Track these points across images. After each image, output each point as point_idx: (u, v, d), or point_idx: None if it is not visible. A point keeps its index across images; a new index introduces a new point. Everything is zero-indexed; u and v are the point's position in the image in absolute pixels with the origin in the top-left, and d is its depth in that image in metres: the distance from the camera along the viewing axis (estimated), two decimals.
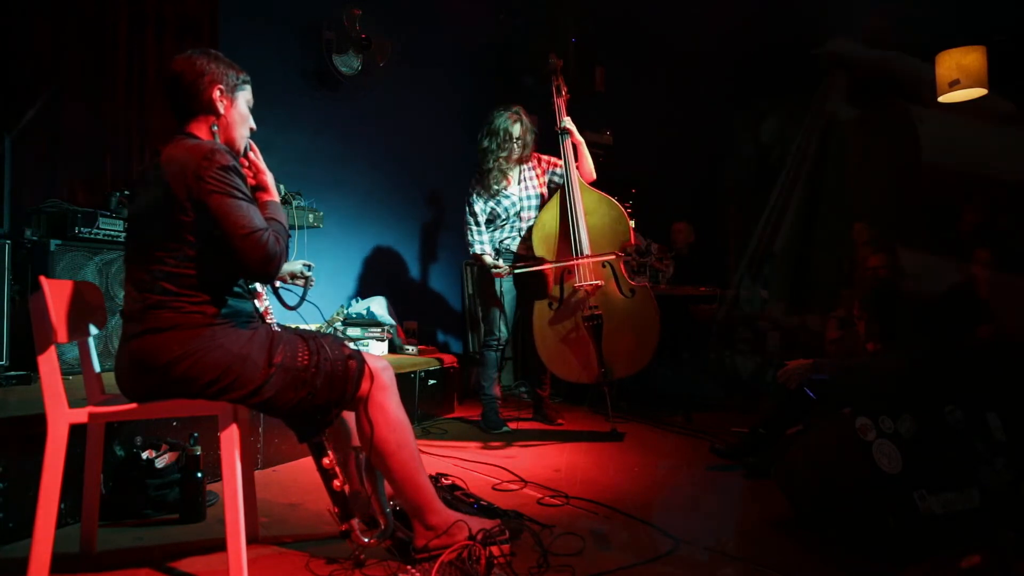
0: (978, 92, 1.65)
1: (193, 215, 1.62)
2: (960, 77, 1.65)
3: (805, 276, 1.81)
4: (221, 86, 1.77)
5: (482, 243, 3.64)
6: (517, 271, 3.53)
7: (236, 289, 1.80)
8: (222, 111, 1.78)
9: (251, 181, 1.86)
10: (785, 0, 3.51)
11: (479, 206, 3.62)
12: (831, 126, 1.71)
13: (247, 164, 1.88)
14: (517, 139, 3.53)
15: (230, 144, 1.82)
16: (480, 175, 3.62)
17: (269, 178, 1.88)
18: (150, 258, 1.65)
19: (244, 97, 1.85)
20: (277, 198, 1.88)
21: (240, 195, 1.65)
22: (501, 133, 3.52)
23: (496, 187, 3.58)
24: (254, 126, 1.89)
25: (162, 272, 1.64)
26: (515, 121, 3.54)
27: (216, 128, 1.78)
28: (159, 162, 1.66)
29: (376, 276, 4.72)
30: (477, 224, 3.64)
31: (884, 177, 1.46)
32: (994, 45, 1.68)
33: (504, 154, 3.54)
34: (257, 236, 1.63)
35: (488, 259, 3.60)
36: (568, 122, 3.57)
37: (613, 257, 3.41)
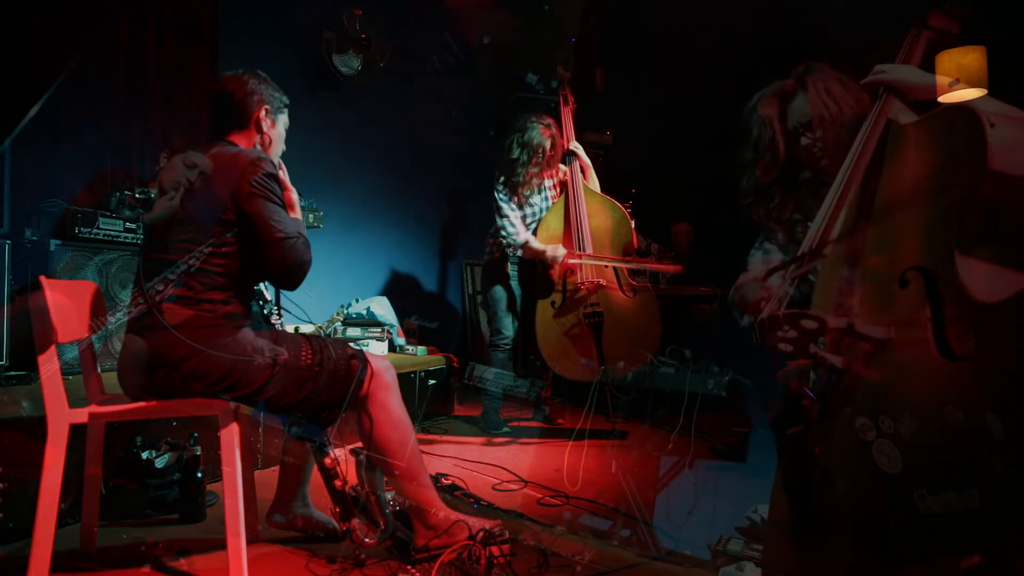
0: (978, 92, 1.64)
1: (233, 216, 1.69)
2: (960, 77, 1.65)
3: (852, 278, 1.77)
4: (268, 107, 1.90)
5: (522, 231, 3.53)
6: (572, 261, 3.43)
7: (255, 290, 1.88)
8: (266, 130, 1.91)
9: None
10: None
11: (507, 207, 3.58)
12: (890, 129, 1.68)
13: None
14: (549, 153, 3.53)
15: None
16: (507, 181, 3.57)
17: (294, 196, 1.92)
18: (177, 253, 1.69)
19: (283, 120, 1.98)
20: (300, 216, 1.92)
21: (280, 202, 1.76)
22: (535, 147, 3.49)
23: (525, 195, 3.58)
24: (284, 147, 2.00)
25: (187, 267, 1.68)
26: (548, 136, 3.52)
27: (259, 145, 1.90)
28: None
29: (376, 276, 4.72)
30: (512, 218, 3.53)
31: (943, 183, 1.43)
32: (994, 45, 1.68)
33: (536, 170, 3.54)
34: (292, 242, 1.72)
35: (536, 245, 3.47)
36: (576, 145, 3.60)
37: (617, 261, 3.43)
